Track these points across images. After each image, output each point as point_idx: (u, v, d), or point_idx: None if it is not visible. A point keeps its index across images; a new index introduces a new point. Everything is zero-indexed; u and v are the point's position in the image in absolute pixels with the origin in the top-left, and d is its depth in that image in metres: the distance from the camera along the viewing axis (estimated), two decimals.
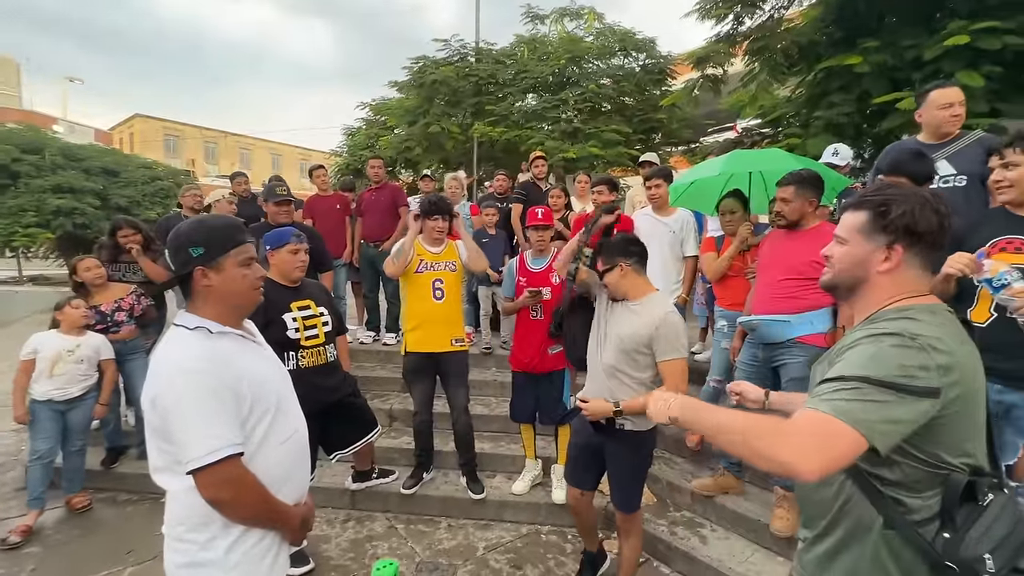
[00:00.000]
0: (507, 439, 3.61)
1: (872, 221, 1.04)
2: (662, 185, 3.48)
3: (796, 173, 2.46)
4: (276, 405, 1.28)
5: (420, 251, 3.03)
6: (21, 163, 11.20)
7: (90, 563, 2.68)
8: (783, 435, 0.88)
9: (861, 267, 1.06)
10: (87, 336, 3.18)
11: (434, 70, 9.32)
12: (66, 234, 10.96)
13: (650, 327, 1.98)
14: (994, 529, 0.89)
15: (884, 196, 1.04)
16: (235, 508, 1.17)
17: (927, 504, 0.94)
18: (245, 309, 1.33)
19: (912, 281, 1.03)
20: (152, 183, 13.49)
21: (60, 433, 3.06)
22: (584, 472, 2.29)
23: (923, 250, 1.02)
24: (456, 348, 3.07)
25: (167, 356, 1.20)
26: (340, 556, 2.78)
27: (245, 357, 1.26)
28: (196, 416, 1.12)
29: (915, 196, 1.02)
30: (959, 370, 0.91)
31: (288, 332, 2.49)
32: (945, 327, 0.96)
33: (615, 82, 8.96)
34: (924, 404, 0.88)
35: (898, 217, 1.00)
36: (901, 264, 1.02)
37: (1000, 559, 0.87)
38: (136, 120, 32.37)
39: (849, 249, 1.08)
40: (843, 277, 1.09)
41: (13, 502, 3.21)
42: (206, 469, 1.10)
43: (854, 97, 4.67)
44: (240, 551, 1.20)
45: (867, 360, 0.93)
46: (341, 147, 13.39)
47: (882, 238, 1.03)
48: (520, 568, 2.70)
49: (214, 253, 1.23)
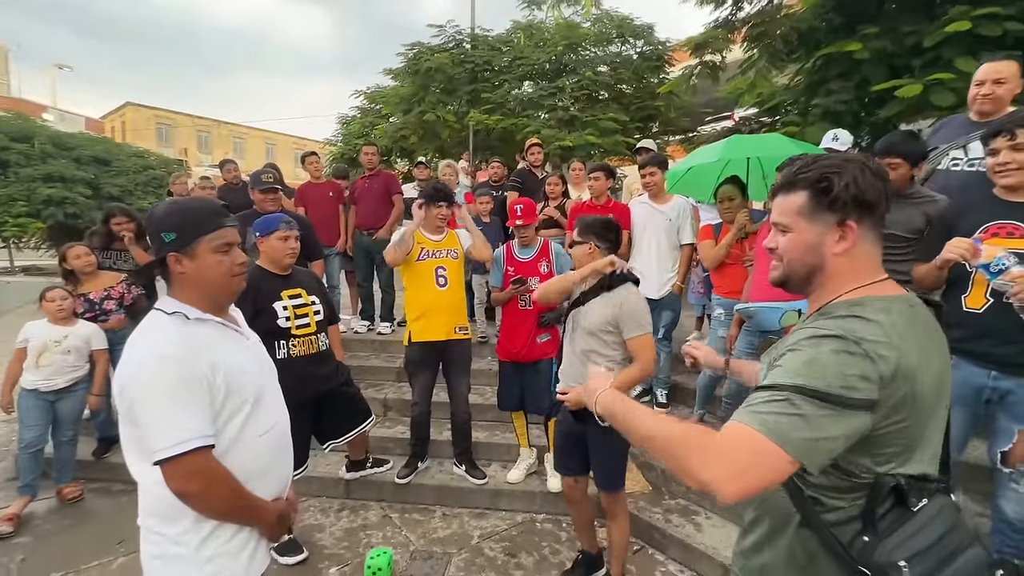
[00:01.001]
0: (502, 428, 3.60)
1: (814, 200, 0.93)
2: (657, 173, 3.44)
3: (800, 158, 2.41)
4: (255, 397, 1.23)
5: (420, 239, 2.99)
6: (10, 152, 11.03)
7: (80, 553, 2.66)
8: (706, 452, 0.81)
9: (813, 253, 0.95)
10: (77, 326, 3.13)
11: (429, 57, 9.19)
12: (57, 224, 10.83)
13: (615, 307, 2.05)
14: (919, 536, 0.81)
15: (821, 169, 0.93)
16: (205, 501, 1.13)
17: (849, 505, 0.88)
18: (223, 297, 1.27)
19: (868, 259, 0.94)
20: (144, 172, 13.33)
21: (48, 423, 3.03)
22: (570, 459, 2.30)
23: (875, 222, 0.93)
24: (460, 336, 3.05)
25: (140, 341, 1.15)
26: (334, 545, 2.76)
27: (223, 346, 1.21)
28: (164, 406, 1.08)
29: (852, 163, 0.92)
30: (904, 376, 0.83)
31: (279, 321, 2.45)
32: (898, 327, 0.86)
33: (612, 69, 8.87)
34: (861, 418, 0.81)
35: (843, 190, 0.90)
36: (858, 241, 0.92)
37: (919, 567, 0.79)
38: (128, 108, 31.92)
39: (795, 236, 0.96)
40: (795, 267, 0.98)
41: (3, 492, 3.18)
42: (173, 460, 1.07)
43: (853, 84, 4.62)
44: (213, 546, 1.16)
45: (802, 366, 0.83)
46: (336, 136, 13.25)
47: (830, 216, 0.92)
48: (515, 556, 2.70)
49: (186, 238, 1.17)
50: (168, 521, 1.14)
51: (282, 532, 1.35)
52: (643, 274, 3.47)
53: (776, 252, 1.01)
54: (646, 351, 2.07)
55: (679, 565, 2.63)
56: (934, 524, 0.83)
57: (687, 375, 3.77)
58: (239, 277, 1.26)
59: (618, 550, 2.29)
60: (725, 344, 2.87)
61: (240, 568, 1.21)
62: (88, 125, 24.44)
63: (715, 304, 3.10)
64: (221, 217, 1.23)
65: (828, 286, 0.96)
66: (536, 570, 2.59)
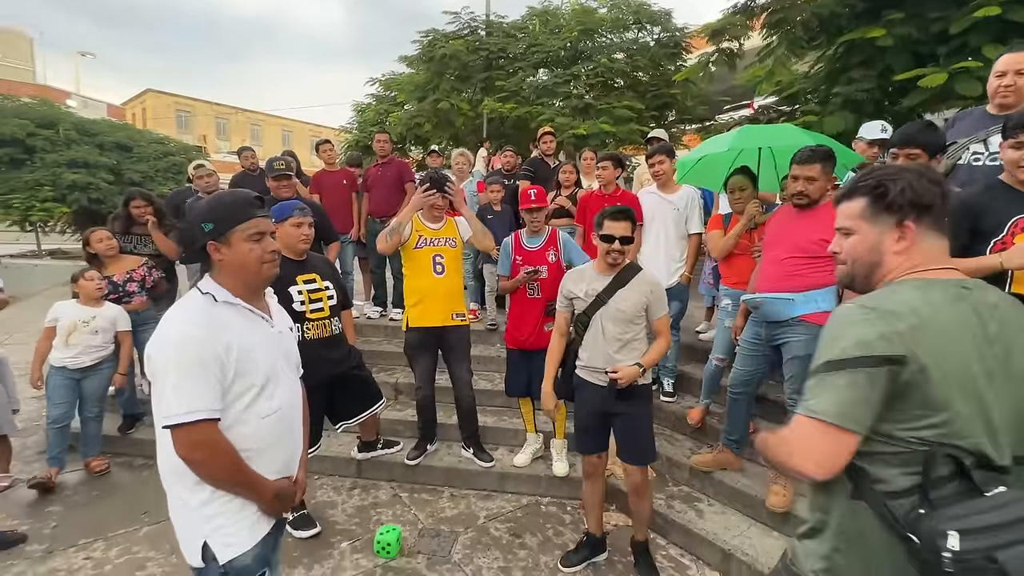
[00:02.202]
0: (509, 413, 3.66)
1: (873, 204, 1.03)
2: (665, 162, 3.42)
3: (821, 150, 2.36)
4: (263, 381, 1.31)
5: (419, 227, 3.04)
6: (36, 138, 11.29)
7: (108, 522, 2.80)
8: (785, 444, 0.96)
9: (875, 252, 1.04)
10: (104, 307, 3.26)
11: (444, 44, 9.18)
12: (81, 209, 11.09)
13: (646, 294, 2.26)
14: (989, 515, 0.83)
15: (877, 178, 1.03)
16: (206, 469, 1.23)
17: (902, 477, 0.92)
18: (257, 283, 1.37)
19: (926, 254, 1.01)
20: (164, 159, 13.53)
21: (75, 400, 3.17)
22: (596, 437, 2.39)
23: (933, 221, 1.01)
24: (457, 323, 3.10)
25: (171, 315, 1.27)
26: (346, 521, 2.87)
27: (242, 330, 1.29)
28: (179, 377, 1.19)
29: (908, 171, 1.02)
30: (929, 340, 0.90)
31: (293, 305, 2.53)
32: (929, 298, 0.94)
33: (629, 56, 8.75)
34: (885, 372, 0.89)
35: (899, 194, 1.00)
36: (916, 240, 1.01)
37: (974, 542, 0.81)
38: (148, 95, 32.40)
39: (858, 238, 1.06)
40: (859, 267, 1.07)
41: (36, 464, 3.35)
42: (181, 428, 1.18)
43: (875, 73, 4.52)
44: (216, 505, 1.27)
45: (826, 344, 0.95)
46: (351, 123, 13.32)
47: (889, 218, 1.01)
48: (519, 536, 2.77)
49: (222, 228, 1.29)
50: (180, 479, 1.25)
51: (282, 510, 1.40)
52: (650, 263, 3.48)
53: (840, 255, 1.10)
54: (665, 328, 2.32)
55: (680, 549, 2.68)
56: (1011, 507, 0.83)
57: (693, 365, 3.78)
58: (270, 264, 1.35)
59: (644, 518, 2.46)
60: (731, 334, 2.88)
61: (244, 527, 1.30)
62: (110, 112, 24.87)
63: (723, 294, 3.10)
64: (254, 208, 1.33)
65: (887, 280, 1.04)
66: (540, 550, 2.66)
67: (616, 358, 2.23)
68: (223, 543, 1.26)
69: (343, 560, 2.55)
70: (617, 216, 2.22)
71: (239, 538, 1.28)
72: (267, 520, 1.36)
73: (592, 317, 2.29)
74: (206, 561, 1.25)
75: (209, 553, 1.25)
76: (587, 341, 2.33)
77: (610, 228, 2.21)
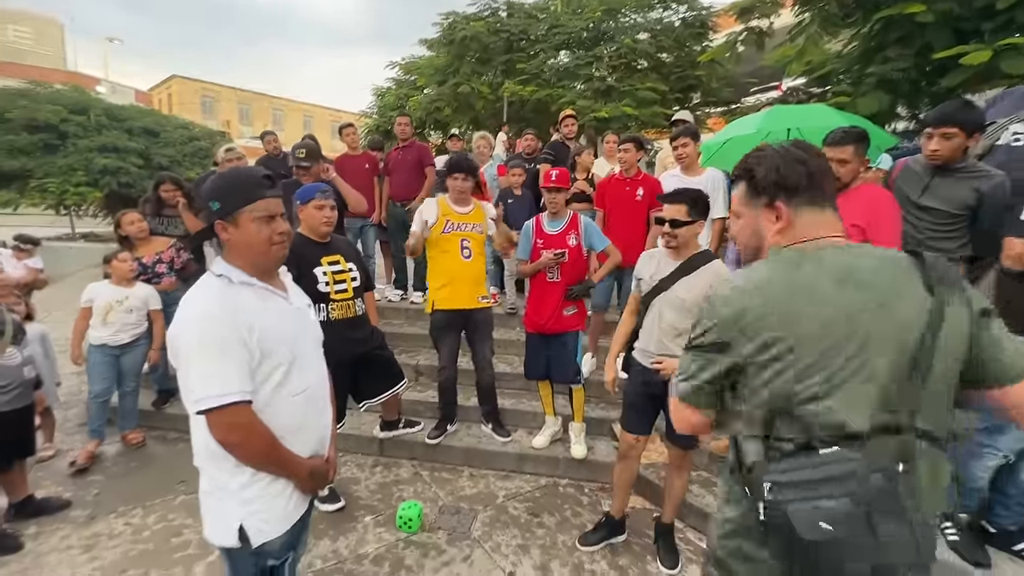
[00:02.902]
0: (528, 396, 3.70)
1: (748, 188, 1.08)
2: (689, 144, 3.35)
3: (854, 131, 2.27)
4: (290, 360, 1.30)
5: (446, 211, 3.06)
6: (69, 123, 11.61)
7: (146, 491, 2.94)
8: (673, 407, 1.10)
9: (756, 235, 1.08)
10: (136, 287, 3.37)
11: (464, 26, 9.09)
12: (112, 192, 11.42)
13: (711, 283, 2.15)
14: (802, 471, 0.85)
15: (747, 162, 1.07)
16: (243, 451, 1.24)
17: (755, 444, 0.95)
18: (267, 264, 1.33)
19: (805, 230, 1.01)
20: (190, 143, 13.80)
21: (115, 375, 3.32)
22: (643, 417, 2.38)
23: (805, 198, 1.01)
24: (482, 305, 3.15)
25: (188, 301, 1.24)
26: (369, 497, 2.96)
27: (261, 310, 1.28)
28: (204, 361, 1.18)
29: (775, 153, 1.04)
30: (762, 316, 0.92)
31: (319, 285, 2.59)
32: (769, 273, 0.96)
33: (653, 37, 8.54)
34: (720, 357, 0.98)
35: (763, 177, 1.03)
36: (792, 219, 1.02)
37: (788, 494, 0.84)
38: (174, 81, 32.92)
39: (743, 221, 1.11)
40: (747, 250, 1.12)
41: (76, 436, 3.53)
42: (215, 412, 1.18)
43: (913, 51, 4.32)
44: (255, 489, 1.28)
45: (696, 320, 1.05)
46: (371, 108, 13.35)
47: (761, 200, 1.05)
48: (537, 516, 2.82)
49: (228, 208, 1.26)
50: (216, 462, 1.27)
51: (317, 487, 1.43)
52: None
53: (735, 239, 1.16)
54: None
55: (697, 533, 2.70)
56: (828, 467, 0.84)
57: None
58: (279, 246, 1.31)
59: (677, 498, 2.46)
60: None
61: (278, 509, 1.32)
62: (137, 97, 25.39)
63: None
64: (262, 188, 1.28)
65: None
66: (558, 530, 2.71)
67: (670, 347, 2.20)
68: (257, 528, 1.28)
69: (367, 533, 2.63)
70: (671, 198, 2.19)
71: (273, 524, 1.31)
72: (299, 507, 1.38)
73: (652, 301, 2.26)
74: (241, 542, 1.27)
75: (244, 535, 1.27)
76: (645, 324, 2.31)
77: (663, 210, 2.19)
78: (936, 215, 2.26)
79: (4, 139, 11.00)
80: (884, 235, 2.20)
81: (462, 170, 3.00)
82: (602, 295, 3.81)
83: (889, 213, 2.22)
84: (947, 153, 2.16)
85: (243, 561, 1.31)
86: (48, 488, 2.93)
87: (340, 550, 2.50)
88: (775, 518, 0.85)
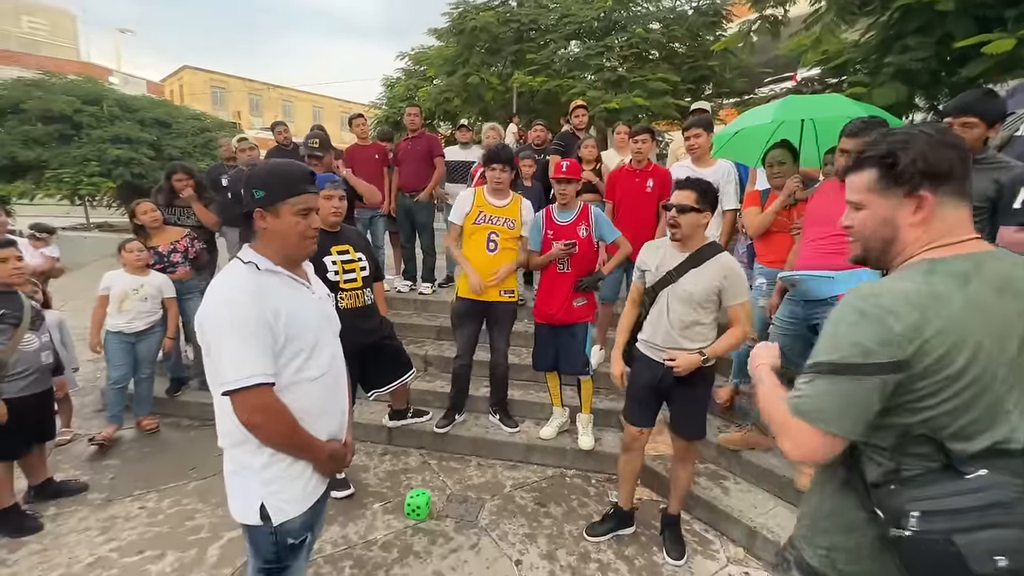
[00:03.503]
0: (536, 387, 3.71)
1: (883, 176, 0.95)
2: (701, 135, 3.31)
3: (874, 121, 2.22)
4: (311, 345, 1.36)
5: (481, 202, 3.05)
6: (82, 114, 11.72)
7: (160, 476, 3.00)
8: (781, 428, 0.97)
9: (888, 226, 0.97)
10: (150, 276, 3.42)
11: (474, 15, 9.00)
12: (125, 183, 11.55)
13: (721, 278, 2.11)
14: (957, 498, 0.82)
15: (886, 145, 0.95)
16: (265, 432, 1.28)
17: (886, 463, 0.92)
18: (297, 256, 1.40)
19: (945, 224, 0.93)
20: (201, 134, 13.89)
21: (131, 362, 3.38)
22: (647, 411, 2.38)
23: (953, 189, 0.92)
24: (505, 299, 3.13)
25: (217, 285, 1.29)
26: (378, 485, 2.99)
27: (287, 296, 1.33)
28: (232, 343, 1.22)
29: (920, 136, 0.92)
30: (940, 334, 0.84)
31: (328, 275, 2.60)
32: (936, 285, 0.87)
33: (665, 26, 8.41)
34: (884, 378, 0.86)
35: (911, 164, 0.91)
36: (934, 210, 0.93)
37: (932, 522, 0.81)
38: (185, 72, 33.05)
39: (870, 212, 0.99)
40: (872, 242, 1.00)
41: (94, 421, 3.61)
42: (239, 393, 1.22)
43: (933, 40, 4.21)
44: (275, 469, 1.34)
45: (825, 342, 0.92)
46: (380, 99, 13.32)
47: (901, 190, 0.94)
48: (544, 506, 2.84)
49: (273, 197, 1.31)
50: (238, 443, 1.32)
51: (336, 470, 1.49)
52: None
53: (852, 230, 1.03)
54: (746, 315, 2.15)
55: (704, 524, 2.70)
56: (987, 492, 0.81)
57: None
58: (311, 240, 1.38)
59: (682, 489, 2.47)
60: (765, 314, 2.82)
61: (297, 490, 1.37)
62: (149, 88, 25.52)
63: (757, 273, 3.03)
64: (307, 184, 1.35)
65: (904, 255, 0.97)
66: (564, 519, 2.72)
67: (678, 340, 2.17)
68: (277, 507, 1.33)
69: (375, 520, 2.67)
70: (682, 184, 2.15)
71: (292, 504, 1.36)
72: (318, 488, 1.43)
73: (659, 293, 2.23)
74: (262, 520, 1.32)
75: (265, 514, 1.32)
76: (651, 316, 2.27)
77: (672, 196, 2.16)
78: None
79: (20, 129, 11.15)
80: None
81: (500, 160, 2.98)
82: (610, 287, 3.80)
83: None
84: (968, 143, 2.12)
85: (263, 539, 1.36)
86: (66, 471, 3.00)
87: (349, 536, 2.54)
88: (929, 546, 0.81)
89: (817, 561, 1.02)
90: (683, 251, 2.19)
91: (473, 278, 3.00)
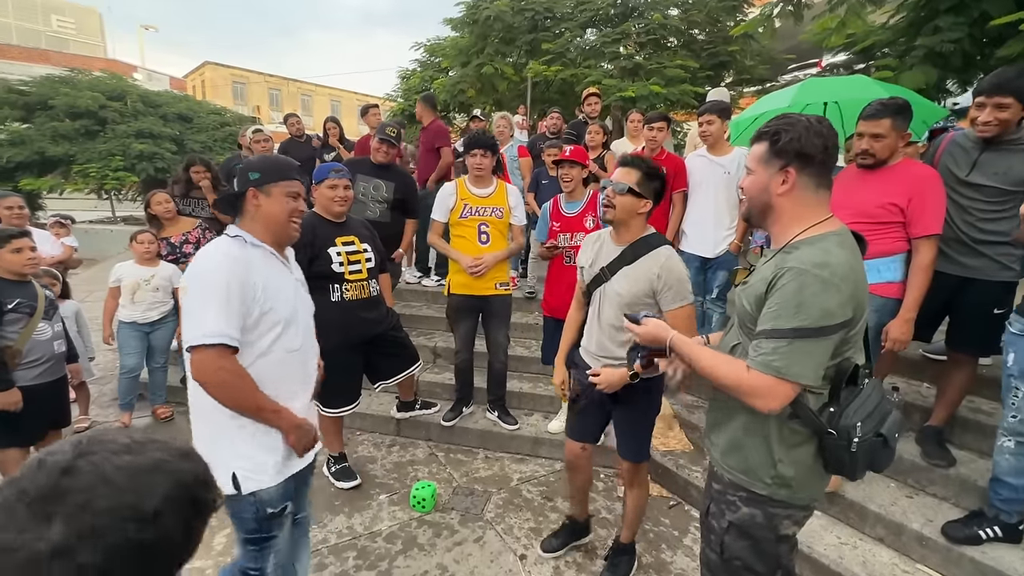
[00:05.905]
0: (544, 381, 3.66)
1: (768, 149, 1.17)
2: (715, 121, 3.18)
3: (892, 103, 2.08)
4: (287, 318, 1.45)
5: (464, 194, 2.99)
6: (107, 110, 12.05)
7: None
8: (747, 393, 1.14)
9: (764, 192, 1.19)
10: (160, 266, 3.47)
11: (488, 5, 8.91)
12: (148, 177, 11.82)
13: (652, 279, 1.77)
14: (866, 404, 1.13)
15: (776, 126, 1.16)
16: (220, 392, 1.33)
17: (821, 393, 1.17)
18: (283, 236, 1.50)
19: (809, 201, 1.17)
20: (222, 129, 14.14)
21: (144, 351, 3.43)
22: (584, 426, 2.15)
23: (814, 171, 1.15)
24: (500, 292, 3.08)
25: (203, 251, 1.41)
26: (385, 476, 2.99)
27: (268, 269, 1.43)
28: (203, 303, 1.31)
29: (802, 123, 1.13)
30: (856, 293, 1.10)
31: (332, 265, 2.58)
32: (846, 255, 1.11)
33: (683, 12, 8.19)
34: (840, 334, 1.10)
35: (787, 143, 1.13)
36: (796, 185, 1.15)
37: (867, 426, 1.12)
38: (206, 68, 33.60)
39: (754, 178, 1.21)
40: (752, 204, 1.24)
41: (111, 409, 3.68)
42: (198, 350, 1.29)
43: (967, 21, 3.99)
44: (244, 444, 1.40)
45: (796, 309, 1.08)
46: (396, 91, 13.33)
47: (776, 163, 1.16)
48: (551, 500, 2.80)
49: (267, 179, 1.44)
50: (214, 412, 1.37)
51: (303, 445, 1.49)
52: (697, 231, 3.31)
53: (744, 190, 1.26)
54: (688, 323, 1.76)
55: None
56: (873, 396, 1.16)
57: None
58: (295, 224, 1.50)
59: (633, 517, 2.19)
60: None
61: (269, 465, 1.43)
62: (172, 84, 26.02)
63: None
64: (295, 172, 1.50)
65: (780, 223, 1.20)
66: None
67: (611, 348, 1.88)
68: (246, 476, 1.40)
69: (381, 511, 2.66)
70: (627, 162, 1.85)
71: (262, 476, 1.43)
72: (289, 463, 1.48)
73: (593, 294, 1.95)
74: (236, 489, 1.39)
75: (236, 483, 1.39)
76: (588, 319, 1.99)
77: (615, 173, 1.86)
78: (987, 193, 2.09)
79: (49, 125, 11.49)
80: (926, 216, 2.05)
81: (481, 146, 2.92)
82: None
83: (933, 192, 2.06)
84: (1000, 125, 1.98)
85: (241, 507, 1.43)
86: None
87: (355, 526, 2.54)
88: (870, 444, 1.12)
89: (768, 490, 1.24)
90: (619, 244, 1.87)
91: (464, 259, 2.94)
